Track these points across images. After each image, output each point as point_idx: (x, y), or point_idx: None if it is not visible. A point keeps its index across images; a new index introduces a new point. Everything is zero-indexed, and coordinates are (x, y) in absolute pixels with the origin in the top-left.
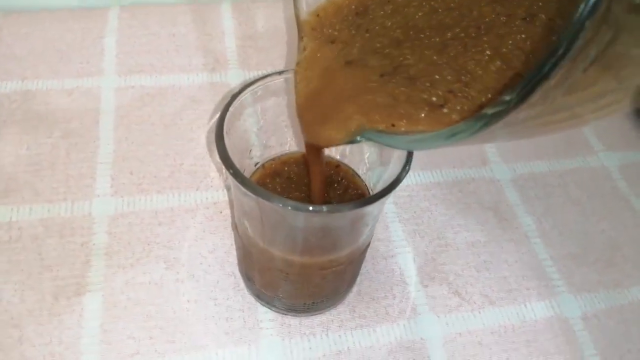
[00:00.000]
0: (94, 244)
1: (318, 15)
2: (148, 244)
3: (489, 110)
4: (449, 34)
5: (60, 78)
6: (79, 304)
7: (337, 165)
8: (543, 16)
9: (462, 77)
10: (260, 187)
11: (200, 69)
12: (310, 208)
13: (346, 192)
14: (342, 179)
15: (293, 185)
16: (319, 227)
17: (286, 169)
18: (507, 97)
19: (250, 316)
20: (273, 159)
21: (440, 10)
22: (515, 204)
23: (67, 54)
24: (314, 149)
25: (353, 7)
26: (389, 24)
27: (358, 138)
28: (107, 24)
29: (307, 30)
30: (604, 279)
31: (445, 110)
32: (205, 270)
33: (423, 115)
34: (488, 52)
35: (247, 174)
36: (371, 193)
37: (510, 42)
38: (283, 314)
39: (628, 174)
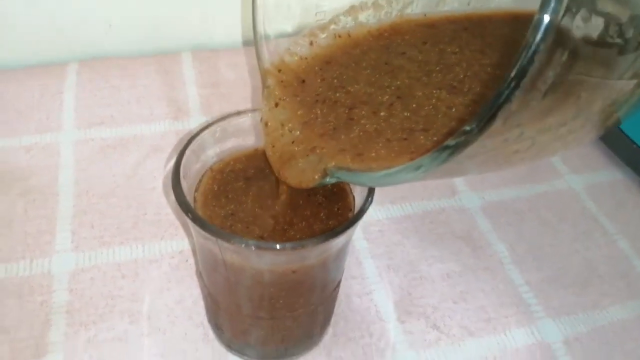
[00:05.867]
0: (54, 302)
1: (280, 71)
2: (111, 299)
3: (452, 142)
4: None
5: (18, 136)
6: None
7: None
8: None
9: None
10: (222, 230)
11: (162, 118)
12: (277, 246)
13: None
14: None
15: (252, 182)
16: (285, 261)
17: (232, 163)
18: (468, 127)
19: None
20: (221, 160)
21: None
22: (487, 231)
23: (25, 112)
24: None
25: (316, 67)
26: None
27: (328, 179)
28: (65, 79)
29: (273, 82)
30: (582, 301)
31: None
32: (172, 322)
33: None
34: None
35: (195, 180)
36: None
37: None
38: None
39: (594, 195)
